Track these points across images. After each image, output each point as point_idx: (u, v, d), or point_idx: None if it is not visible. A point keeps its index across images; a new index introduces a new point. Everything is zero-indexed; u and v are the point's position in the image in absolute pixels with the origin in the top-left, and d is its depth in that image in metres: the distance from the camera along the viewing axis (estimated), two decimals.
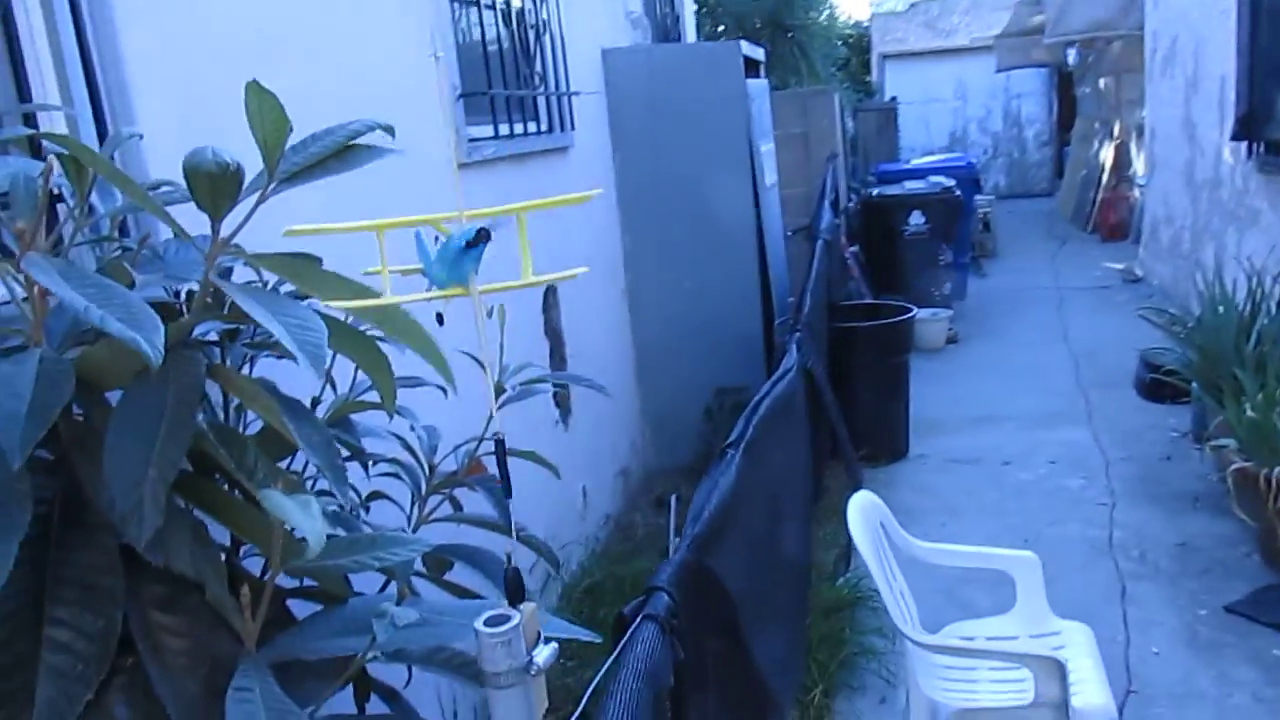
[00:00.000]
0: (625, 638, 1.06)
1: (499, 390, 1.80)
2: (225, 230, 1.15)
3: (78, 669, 1.11)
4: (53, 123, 1.57)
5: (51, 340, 1.18)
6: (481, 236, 0.64)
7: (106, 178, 1.10)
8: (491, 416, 1.83)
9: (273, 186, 1.17)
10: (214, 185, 1.00)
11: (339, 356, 1.19)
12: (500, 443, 0.70)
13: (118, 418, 1.06)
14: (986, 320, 7.76)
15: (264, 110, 1.05)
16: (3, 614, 1.10)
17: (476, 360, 1.83)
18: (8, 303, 1.20)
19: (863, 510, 2.52)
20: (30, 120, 1.49)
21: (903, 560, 2.68)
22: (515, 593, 0.69)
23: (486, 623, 0.67)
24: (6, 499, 1.00)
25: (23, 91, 1.48)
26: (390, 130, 1.28)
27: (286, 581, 1.42)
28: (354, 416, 1.62)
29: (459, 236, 0.74)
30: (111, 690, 1.19)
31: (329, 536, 1.32)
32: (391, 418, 1.36)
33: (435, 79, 3.06)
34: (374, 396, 1.58)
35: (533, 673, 0.67)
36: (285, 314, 1.01)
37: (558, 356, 4.09)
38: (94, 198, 1.31)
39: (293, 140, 1.18)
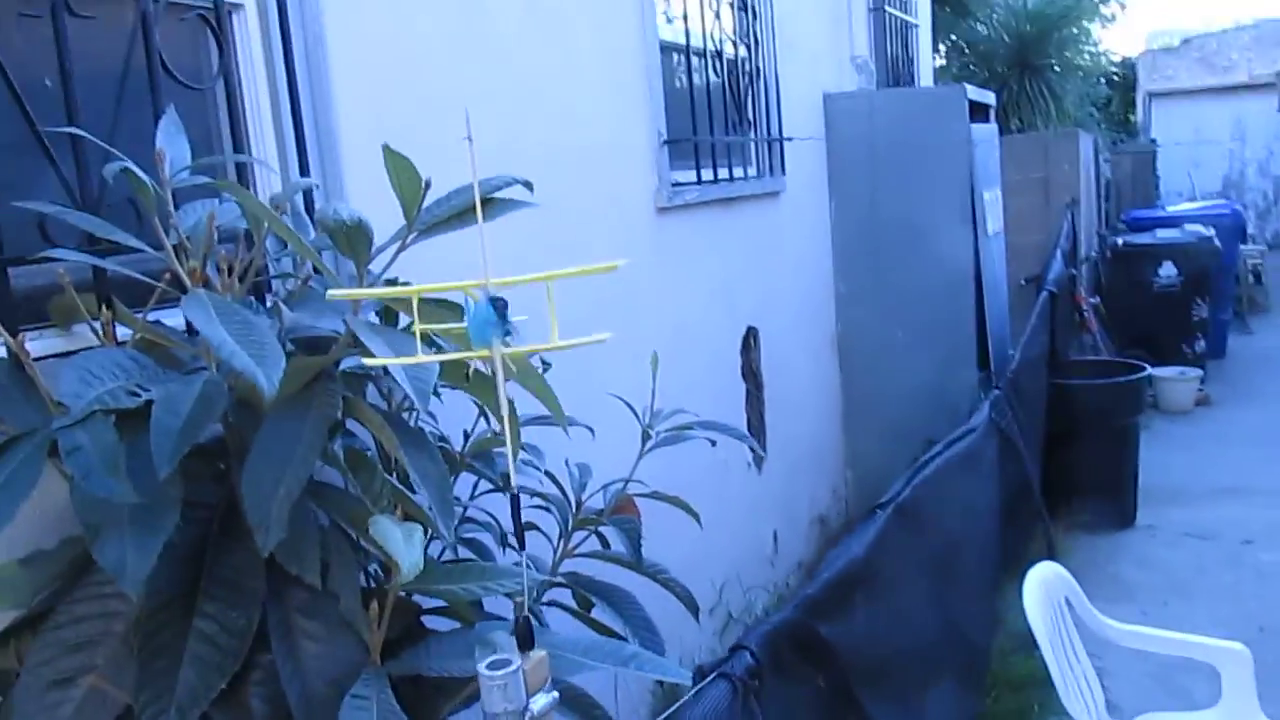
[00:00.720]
0: (690, 693, 1.07)
1: (645, 436, 1.84)
2: (377, 270, 1.27)
3: (216, 659, 1.24)
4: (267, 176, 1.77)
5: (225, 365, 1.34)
6: (498, 306, 0.69)
7: (274, 229, 1.24)
8: (639, 458, 1.89)
9: (412, 237, 1.28)
10: (348, 236, 1.11)
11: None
12: (515, 499, 0.74)
13: (260, 438, 1.19)
14: (1246, 382, 7.07)
15: (399, 171, 1.16)
16: (159, 603, 1.25)
17: (627, 404, 1.90)
18: None
19: (1044, 583, 2.37)
20: (242, 171, 1.69)
21: (1094, 640, 2.50)
22: (524, 639, 0.73)
23: (490, 666, 0.71)
24: (157, 503, 1.14)
25: (237, 140, 1.69)
26: (529, 185, 1.37)
27: (429, 601, 1.53)
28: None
29: (481, 305, 0.79)
30: (249, 683, 1.32)
31: (447, 562, 1.41)
32: (566, 432, 1.43)
33: (641, 125, 3.18)
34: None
35: (528, 719, 0.71)
36: (404, 351, 1.10)
37: (755, 399, 4.10)
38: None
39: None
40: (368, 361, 0.95)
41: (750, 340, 4.06)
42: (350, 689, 1.28)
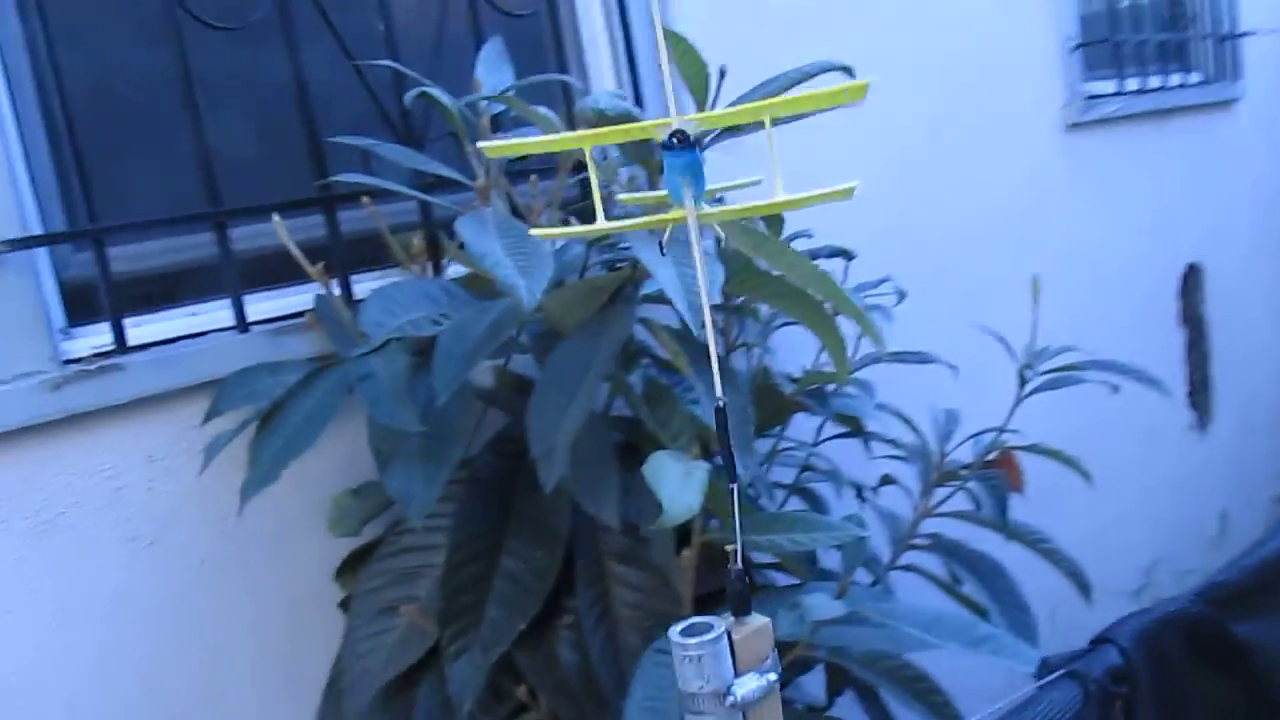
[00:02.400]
0: (1021, 695, 0.81)
1: (1021, 379, 1.54)
2: None
3: (519, 599, 1.18)
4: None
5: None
6: (680, 140, 0.50)
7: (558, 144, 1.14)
8: (1016, 404, 1.59)
9: (711, 137, 1.12)
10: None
11: None
12: (720, 411, 0.55)
13: (548, 365, 1.10)
14: None
15: (681, 57, 1.01)
16: (468, 536, 1.21)
17: (998, 338, 1.61)
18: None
19: None
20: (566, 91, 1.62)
21: None
22: (738, 603, 0.55)
23: (684, 632, 0.54)
24: (444, 433, 1.09)
25: (564, 67, 1.63)
26: (849, 70, 1.15)
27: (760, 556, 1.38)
28: (858, 391, 1.51)
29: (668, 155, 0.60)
30: (558, 627, 1.25)
31: (762, 513, 1.24)
32: (842, 384, 1.23)
33: (1044, 27, 2.76)
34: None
35: (729, 704, 0.53)
36: (682, 264, 0.95)
37: (1197, 350, 3.47)
38: None
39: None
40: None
41: (1191, 280, 3.43)
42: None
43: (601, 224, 0.56)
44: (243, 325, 1.32)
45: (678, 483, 0.90)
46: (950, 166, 2.39)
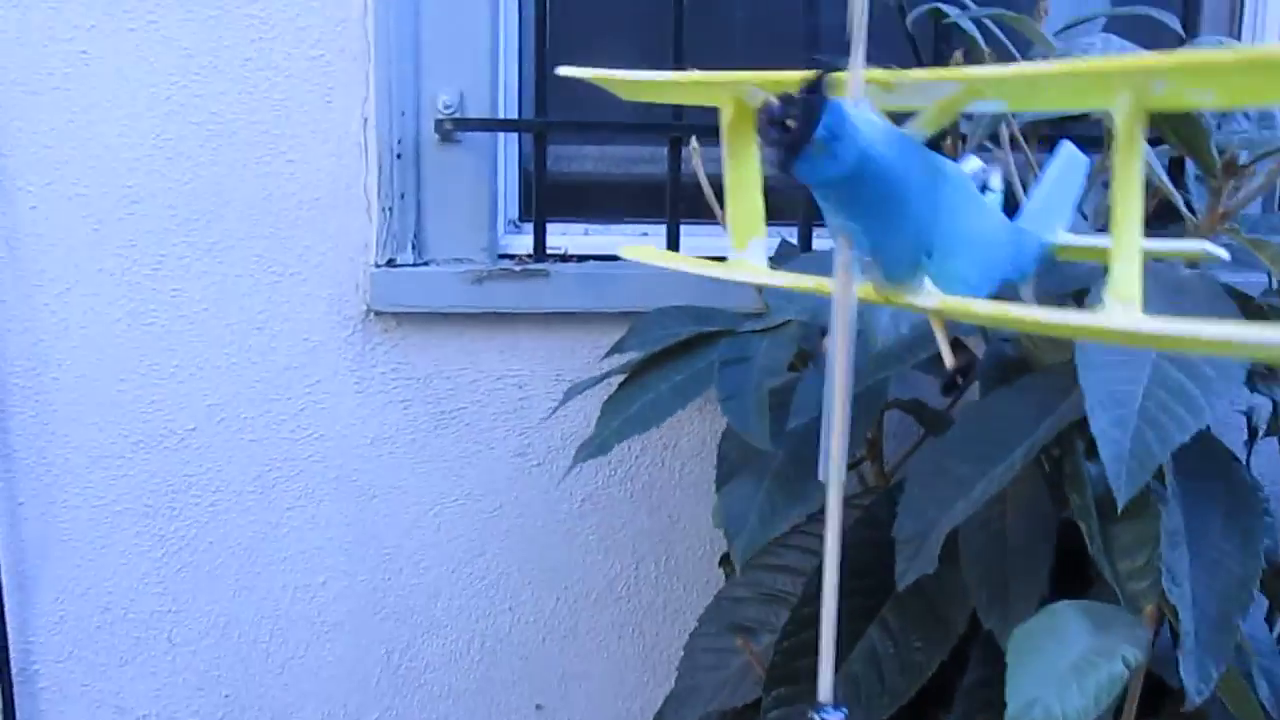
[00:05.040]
0: None
1: None
2: None
3: (870, 691, 0.91)
4: None
5: None
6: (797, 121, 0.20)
7: None
8: None
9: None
10: None
11: None
12: None
13: (963, 416, 0.78)
14: None
15: None
16: None
17: None
18: None
19: None
20: None
21: None
22: None
23: None
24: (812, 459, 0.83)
25: None
26: None
27: None
28: None
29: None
30: None
31: None
32: None
33: None
34: None
35: None
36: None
37: None
38: None
39: None
40: None
41: None
42: None
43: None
44: None
45: (1053, 680, 0.56)
46: None
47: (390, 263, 1.13)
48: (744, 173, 0.31)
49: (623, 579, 1.25)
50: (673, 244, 1.16)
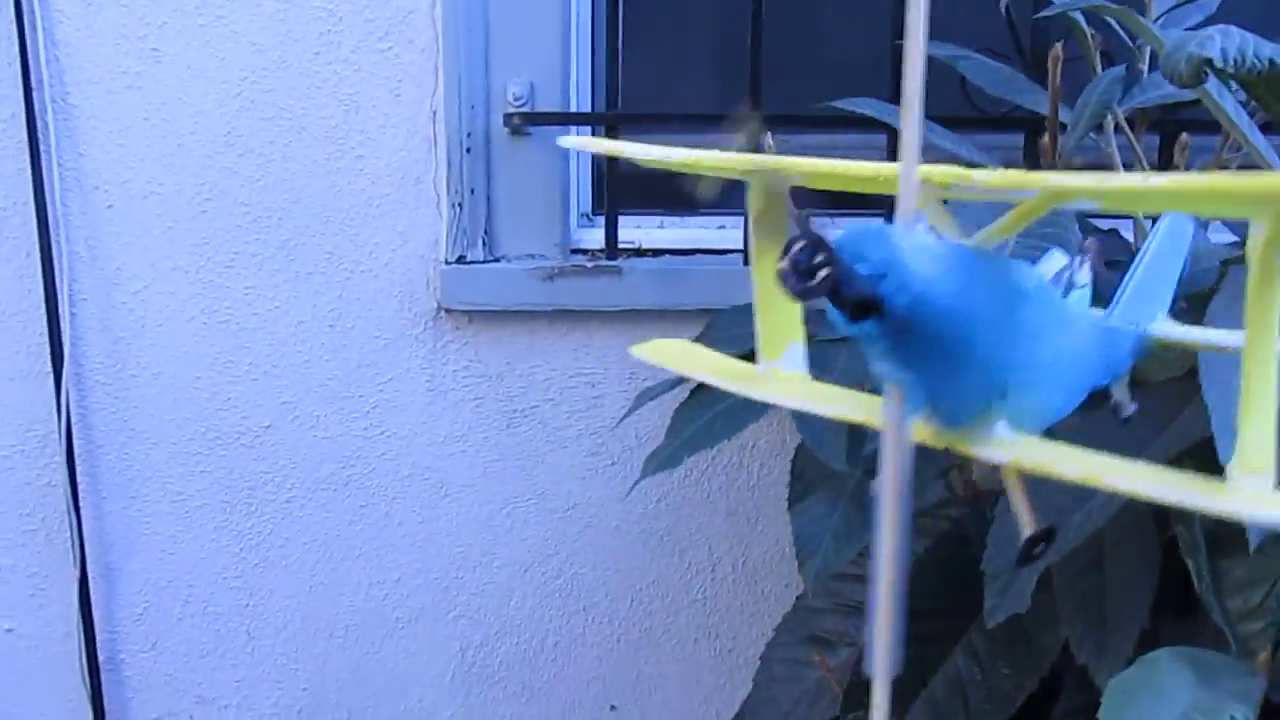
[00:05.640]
0: None
1: None
2: None
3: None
4: None
5: None
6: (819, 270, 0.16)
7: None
8: None
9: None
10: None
11: None
12: None
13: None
14: None
15: None
16: (919, 604, 0.90)
17: None
18: None
19: None
20: None
21: None
22: None
23: None
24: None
25: None
26: None
27: None
28: None
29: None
30: None
31: None
32: None
33: None
34: None
35: None
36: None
37: None
38: None
39: None
40: None
41: None
42: None
43: None
44: None
45: None
46: None
47: (461, 259, 1.11)
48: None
49: (699, 581, 1.22)
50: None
